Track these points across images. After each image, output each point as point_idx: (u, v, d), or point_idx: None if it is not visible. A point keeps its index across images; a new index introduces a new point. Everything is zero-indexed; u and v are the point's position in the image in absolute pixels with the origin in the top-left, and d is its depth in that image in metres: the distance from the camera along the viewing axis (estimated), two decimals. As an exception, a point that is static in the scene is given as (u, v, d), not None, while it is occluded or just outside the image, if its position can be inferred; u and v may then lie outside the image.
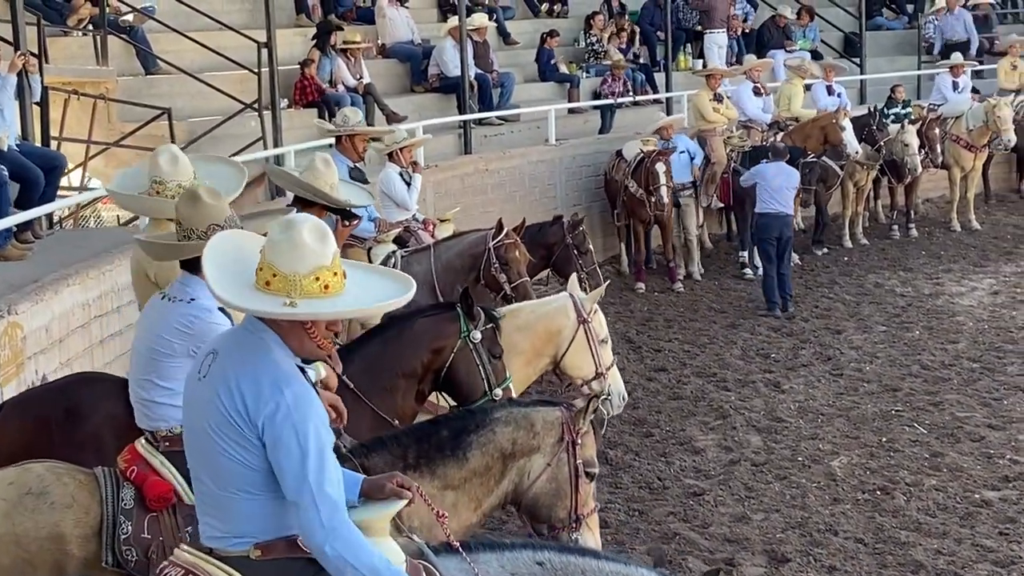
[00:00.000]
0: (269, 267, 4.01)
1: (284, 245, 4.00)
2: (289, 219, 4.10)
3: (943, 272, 17.51)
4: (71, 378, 7.06)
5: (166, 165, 6.73)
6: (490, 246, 10.11)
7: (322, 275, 4.02)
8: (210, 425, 4.07)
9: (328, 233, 4.13)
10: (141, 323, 5.91)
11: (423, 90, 19.08)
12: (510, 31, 21.43)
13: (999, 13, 25.79)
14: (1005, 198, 22.51)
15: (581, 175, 18.24)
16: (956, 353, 13.61)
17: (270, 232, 4.08)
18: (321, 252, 4.04)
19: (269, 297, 4.02)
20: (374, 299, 4.12)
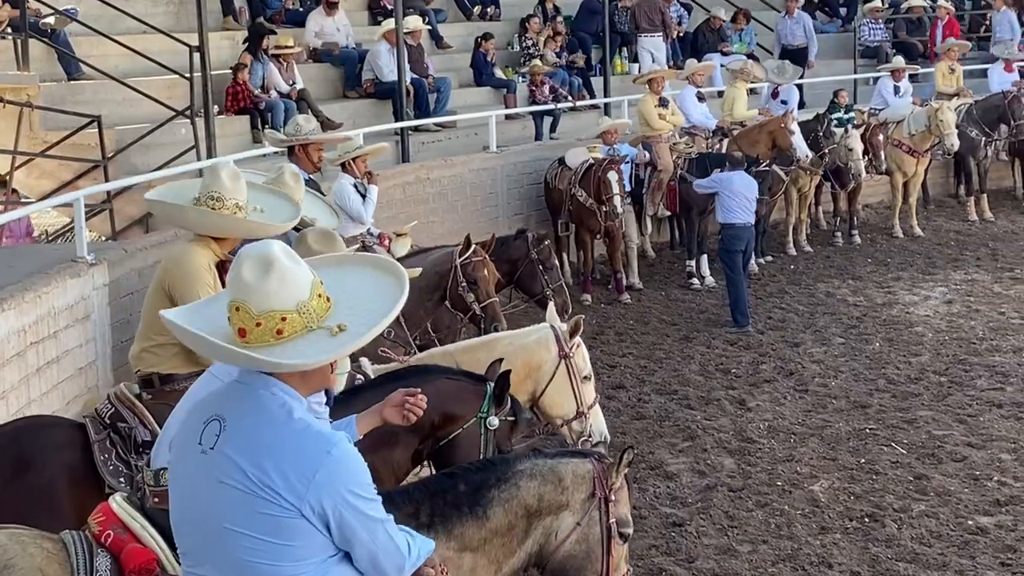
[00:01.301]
0: (271, 314, 3.56)
1: (275, 283, 3.56)
2: (255, 256, 3.63)
3: (893, 280, 17.16)
4: (20, 423, 6.40)
5: (228, 181, 6.37)
6: (457, 263, 9.51)
7: (318, 289, 3.65)
8: (224, 506, 3.48)
9: (287, 247, 3.73)
10: None
11: (357, 96, 18.45)
12: (442, 34, 20.86)
13: (930, 16, 25.50)
14: (944, 203, 22.30)
15: (522, 183, 17.69)
16: (921, 366, 13.22)
17: (240, 278, 3.60)
18: (304, 269, 3.65)
19: (303, 343, 3.55)
20: (386, 305, 3.70)
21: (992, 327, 14.61)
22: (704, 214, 17.33)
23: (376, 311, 3.65)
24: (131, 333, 10.49)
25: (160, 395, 6.37)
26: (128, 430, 6.23)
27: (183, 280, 6.25)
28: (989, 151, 20.78)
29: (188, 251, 6.39)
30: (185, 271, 6.27)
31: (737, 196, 14.75)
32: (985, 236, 19.95)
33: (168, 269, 6.41)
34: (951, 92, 20.91)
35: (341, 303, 3.69)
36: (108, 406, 6.35)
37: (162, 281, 6.40)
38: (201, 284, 6.22)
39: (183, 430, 3.80)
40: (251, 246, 3.67)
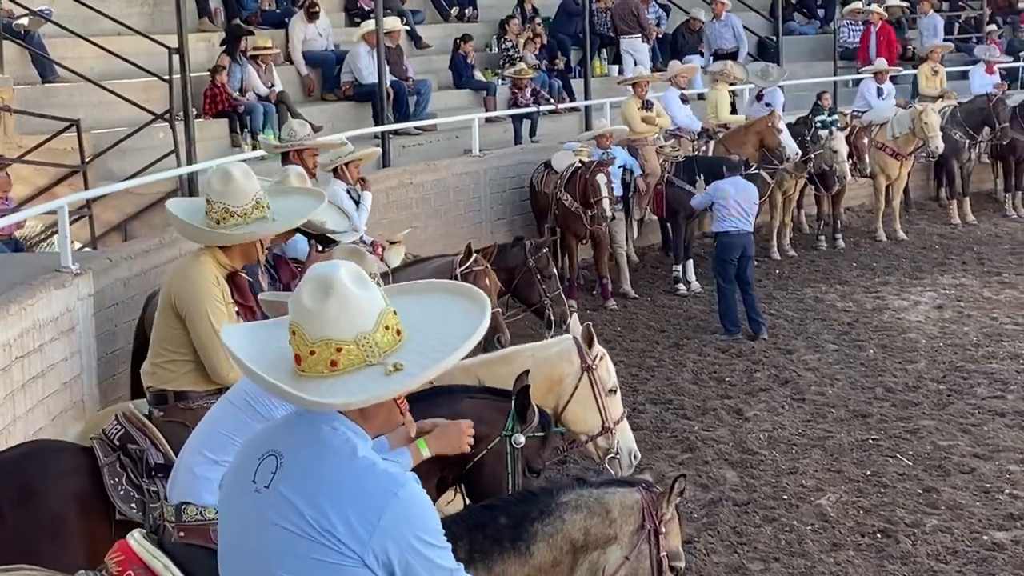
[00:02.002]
0: (327, 343, 3.24)
1: (333, 308, 3.25)
2: (316, 278, 3.32)
3: (880, 285, 16.96)
4: (22, 449, 6.05)
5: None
6: (457, 273, 9.21)
7: (387, 320, 3.31)
8: (278, 550, 3.18)
9: (360, 271, 3.39)
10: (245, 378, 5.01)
11: (336, 98, 18.13)
12: (420, 36, 20.55)
13: (910, 17, 25.41)
14: (924, 206, 22.13)
15: (505, 187, 17.41)
16: (918, 374, 13.00)
17: (299, 300, 3.30)
18: (374, 296, 3.32)
19: (356, 379, 3.23)
20: (465, 329, 3.38)
21: (986, 333, 14.42)
22: (691, 218, 17.11)
23: (444, 350, 3.31)
24: (116, 345, 10.22)
25: (173, 413, 6.05)
26: (139, 452, 5.91)
27: (190, 296, 5.94)
28: (972, 154, 20.63)
29: (193, 265, 6.08)
30: (191, 286, 5.97)
31: (731, 203, 14.44)
32: (969, 239, 19.79)
33: (174, 284, 6.11)
34: (935, 94, 20.76)
35: (415, 338, 3.36)
36: (117, 427, 6.03)
37: (169, 297, 6.09)
38: (209, 299, 5.92)
39: (236, 466, 3.48)
40: (318, 266, 3.36)
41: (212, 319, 5.91)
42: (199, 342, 5.96)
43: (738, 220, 14.39)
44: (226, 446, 4.68)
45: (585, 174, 15.44)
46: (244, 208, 5.94)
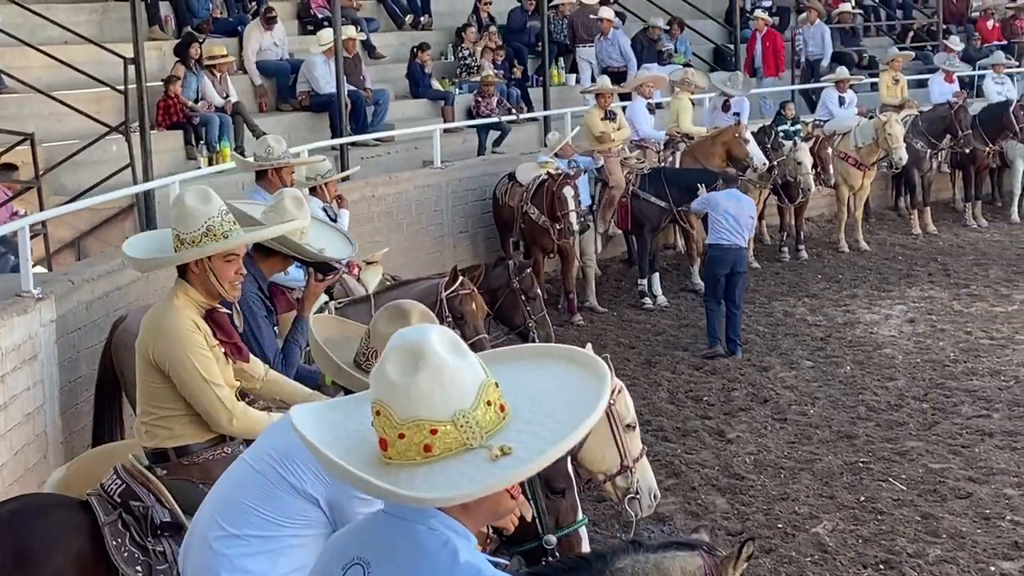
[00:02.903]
0: (419, 424, 2.77)
1: (426, 382, 2.79)
2: (404, 346, 2.84)
3: (848, 298, 16.70)
4: (12, 506, 5.53)
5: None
6: (443, 296, 8.79)
7: (489, 394, 2.85)
8: None
9: (454, 335, 2.93)
10: (267, 434, 4.55)
11: (291, 109, 17.67)
12: (375, 44, 20.10)
13: (863, 25, 25.26)
14: (884, 216, 21.94)
15: (468, 199, 17.00)
16: (899, 392, 12.72)
17: (383, 373, 2.83)
18: (471, 365, 2.86)
19: (457, 466, 2.77)
20: (582, 404, 2.88)
21: (963, 348, 14.18)
22: (656, 231, 16.79)
23: (560, 428, 2.82)
24: (79, 373, 9.71)
25: (177, 470, 5.55)
26: (143, 509, 5.44)
27: (171, 350, 5.44)
28: (934, 163, 20.46)
29: (167, 315, 5.55)
30: (170, 340, 5.46)
31: (722, 215, 14.06)
32: (932, 250, 19.60)
33: (149, 339, 5.56)
34: (896, 103, 20.56)
35: (521, 413, 2.88)
36: (116, 481, 5.55)
37: (146, 351, 5.56)
38: (192, 348, 5.43)
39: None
40: (404, 332, 2.93)
41: (200, 369, 5.44)
42: (192, 397, 5.49)
43: (730, 234, 14.01)
44: (248, 517, 4.21)
45: (552, 187, 15.06)
46: (193, 235, 5.49)
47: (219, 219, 5.51)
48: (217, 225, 5.50)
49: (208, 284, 5.53)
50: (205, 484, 5.38)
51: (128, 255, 5.82)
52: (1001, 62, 22.31)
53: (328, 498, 4.17)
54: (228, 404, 5.48)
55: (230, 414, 5.46)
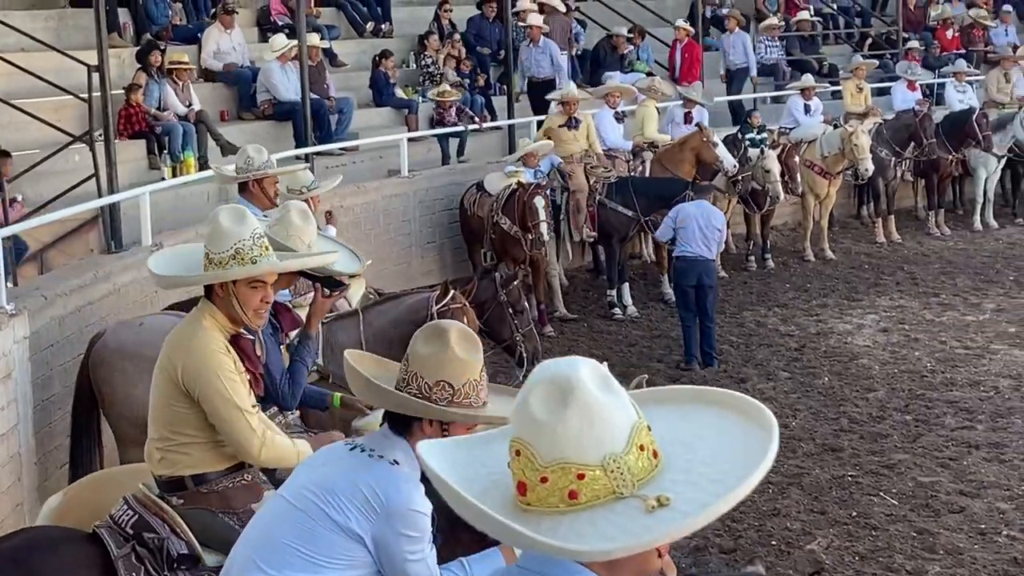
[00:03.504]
0: (564, 467, 2.49)
1: (575, 421, 2.50)
2: (550, 380, 2.55)
3: (819, 307, 16.58)
4: (17, 541, 5.21)
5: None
6: (433, 311, 8.54)
7: (642, 437, 2.57)
8: None
9: (605, 370, 2.63)
10: (305, 468, 4.27)
11: (254, 117, 17.35)
12: (336, 52, 19.81)
13: (822, 33, 25.20)
14: (847, 224, 21.87)
15: (435, 209, 16.78)
16: (880, 404, 12.58)
17: (527, 408, 2.54)
18: (624, 404, 2.57)
19: (605, 516, 2.49)
20: (746, 455, 2.59)
21: (939, 358, 14.07)
22: (624, 240, 16.61)
23: (724, 480, 2.53)
24: (52, 391, 9.40)
25: (195, 499, 5.25)
26: (158, 541, 5.15)
27: (201, 372, 5.16)
28: (898, 172, 20.41)
29: (197, 334, 5.28)
30: (200, 360, 5.18)
31: (687, 226, 13.90)
32: (897, 259, 19.54)
33: (177, 359, 5.27)
34: (860, 111, 20.49)
35: (675, 461, 2.60)
36: (128, 512, 5.26)
37: (172, 374, 5.26)
38: (223, 371, 5.16)
39: None
40: (552, 364, 2.61)
41: (232, 393, 5.16)
42: (221, 423, 5.18)
43: (695, 245, 13.82)
44: (288, 557, 3.94)
45: (523, 196, 14.86)
46: (221, 256, 5.26)
47: (250, 242, 5.26)
48: (247, 249, 5.25)
49: (231, 309, 5.28)
50: (224, 514, 5.12)
51: (152, 271, 5.55)
52: (963, 70, 22.32)
53: (375, 536, 3.93)
54: (259, 432, 5.21)
55: (261, 442, 5.19)
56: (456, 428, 3.99)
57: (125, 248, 12.15)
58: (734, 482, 2.51)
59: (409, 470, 3.95)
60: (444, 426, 4.01)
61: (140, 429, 8.71)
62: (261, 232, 5.32)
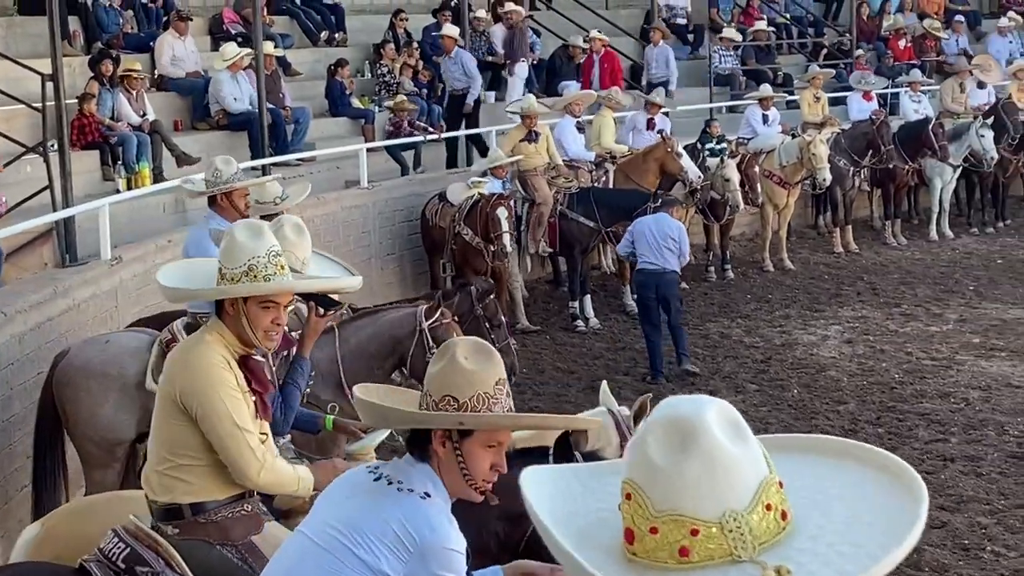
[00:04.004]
0: (678, 520, 2.24)
1: (695, 469, 2.24)
2: (671, 418, 2.30)
3: (782, 319, 16.46)
4: None
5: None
6: (425, 328, 8.32)
7: (770, 495, 2.29)
8: None
9: (736, 414, 2.38)
10: (328, 501, 3.97)
11: (208, 127, 17.03)
12: (290, 61, 19.53)
13: (775, 43, 25.14)
14: (804, 234, 21.77)
15: (395, 220, 16.55)
16: (851, 416, 12.46)
17: (643, 448, 2.29)
18: (754, 455, 2.31)
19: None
20: (892, 526, 2.31)
21: (906, 370, 13.97)
22: (586, 252, 16.44)
23: (856, 557, 2.24)
24: (12, 411, 9.08)
25: (192, 529, 4.94)
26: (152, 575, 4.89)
27: (200, 389, 4.89)
28: (856, 181, 20.36)
29: (197, 350, 5.03)
30: (199, 377, 4.92)
31: (642, 238, 13.75)
32: (856, 269, 19.47)
33: (176, 376, 5.01)
34: (817, 121, 20.41)
35: (806, 526, 2.31)
36: (118, 544, 4.95)
37: (171, 392, 4.99)
38: (224, 388, 4.89)
39: None
40: (677, 403, 2.34)
41: (231, 411, 4.89)
42: (219, 442, 4.90)
43: (651, 256, 13.67)
44: None
45: (486, 207, 14.65)
46: (233, 272, 5.01)
47: (264, 259, 5.00)
48: (260, 266, 4.99)
49: (240, 328, 5.02)
50: (222, 546, 4.86)
51: (160, 282, 5.29)
52: (918, 80, 22.31)
53: None
54: (259, 454, 4.94)
55: (260, 465, 4.92)
56: (474, 447, 3.72)
57: (81, 261, 11.83)
58: (869, 561, 2.23)
59: (441, 502, 3.70)
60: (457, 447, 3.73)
61: (105, 450, 8.52)
62: (278, 250, 5.06)
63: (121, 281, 11.37)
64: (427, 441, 3.75)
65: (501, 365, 3.78)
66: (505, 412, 3.77)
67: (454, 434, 3.73)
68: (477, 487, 3.74)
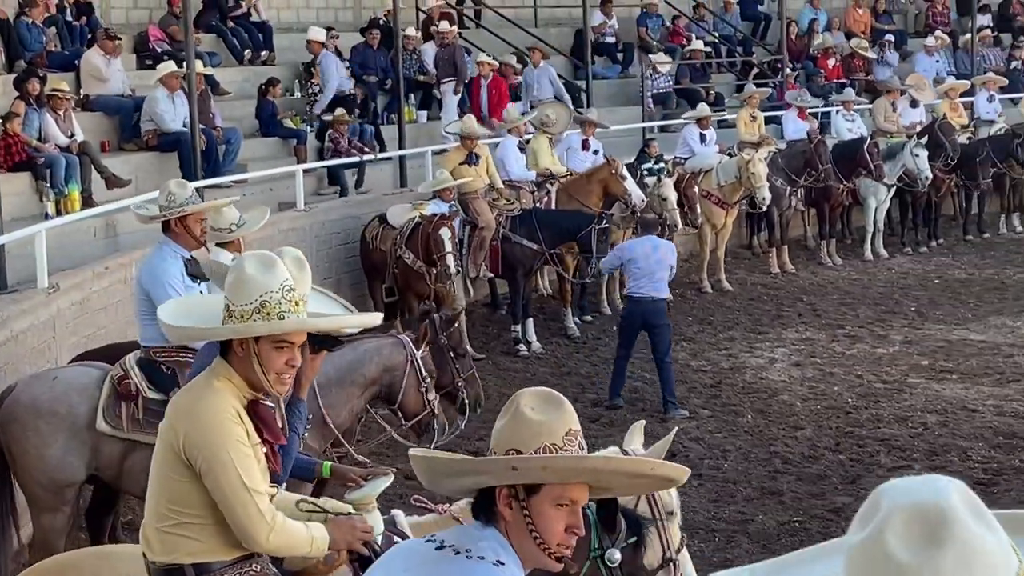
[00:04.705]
0: None
1: (951, 565, 1.91)
2: (917, 513, 1.96)
3: (726, 341, 16.23)
4: None
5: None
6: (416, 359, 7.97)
7: None
8: None
9: (970, 492, 2.03)
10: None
11: (136, 148, 16.50)
12: (218, 80, 19.01)
13: (704, 62, 24.97)
14: (739, 254, 21.57)
15: (332, 243, 16.12)
16: (809, 442, 12.21)
17: (882, 553, 1.95)
18: (1002, 542, 1.98)
19: None
20: None
21: (859, 393, 13.77)
22: (529, 274, 16.12)
23: None
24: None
25: None
26: None
27: (207, 441, 4.44)
28: (793, 201, 20.23)
29: (205, 398, 4.56)
30: (206, 428, 4.47)
31: (639, 266, 13.35)
32: (794, 289, 19.33)
33: (181, 424, 4.54)
34: (754, 140, 20.24)
35: None
36: None
37: (173, 441, 4.53)
38: (231, 443, 4.45)
39: None
40: (903, 486, 2.02)
41: (240, 470, 4.45)
42: (225, 502, 4.46)
43: (648, 285, 13.28)
44: None
45: (428, 229, 14.29)
46: (243, 309, 4.56)
47: (278, 295, 4.55)
48: (274, 302, 4.54)
49: (250, 371, 4.57)
50: None
51: (163, 320, 4.82)
52: (851, 99, 22.26)
53: None
54: (268, 516, 4.50)
55: (269, 528, 4.49)
56: (543, 506, 3.30)
57: (13, 289, 11.29)
58: None
59: (516, 569, 3.30)
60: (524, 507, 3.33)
61: (54, 493, 8.04)
62: (291, 284, 4.63)
63: (59, 310, 10.86)
64: (492, 503, 3.35)
65: (572, 414, 3.40)
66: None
67: (520, 492, 3.31)
68: (552, 552, 3.32)
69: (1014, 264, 20.91)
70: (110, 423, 7.94)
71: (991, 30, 27.83)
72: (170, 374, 7.95)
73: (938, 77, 25.51)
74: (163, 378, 7.95)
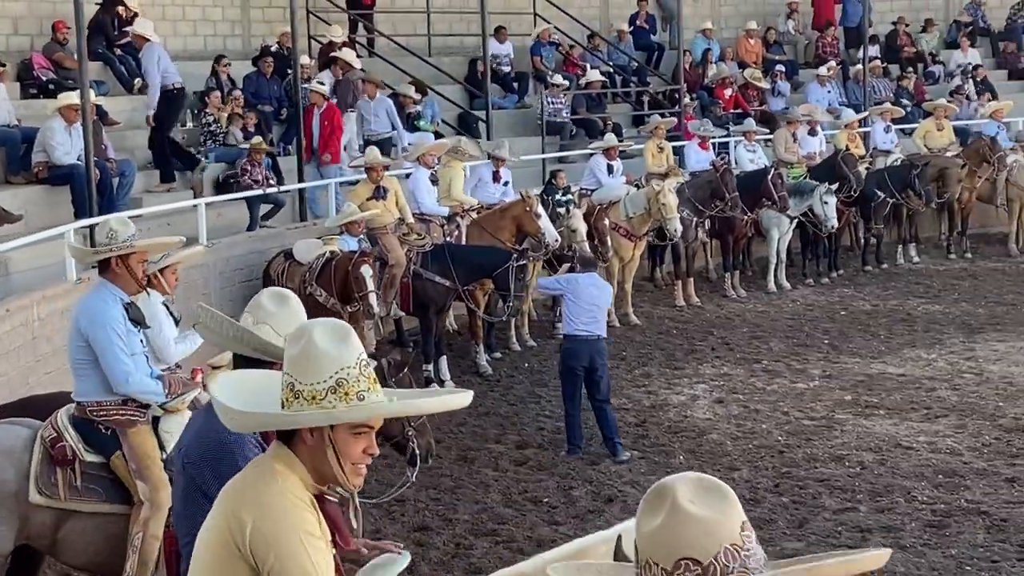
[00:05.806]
0: None
1: None
2: None
3: (642, 377, 15.85)
4: None
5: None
6: None
7: None
8: None
9: None
10: None
11: (25, 181, 15.65)
12: (107, 110, 18.19)
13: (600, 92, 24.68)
14: (641, 287, 21.11)
15: (235, 280, 15.42)
16: (749, 485, 11.79)
17: None
18: None
19: None
20: None
21: (788, 431, 13.42)
22: (442, 312, 15.58)
23: None
24: None
25: None
26: None
27: (279, 534, 3.67)
28: (699, 232, 19.94)
29: (276, 484, 3.81)
30: (277, 519, 3.70)
31: (583, 302, 12.84)
32: (702, 323, 19.02)
33: (244, 514, 3.73)
34: (662, 171, 19.91)
35: None
36: None
37: (231, 534, 3.72)
38: (308, 538, 3.70)
39: None
40: None
41: (313, 565, 3.70)
42: None
43: (590, 323, 12.79)
44: None
45: (346, 265, 13.69)
46: (314, 389, 3.80)
47: (356, 371, 3.79)
48: (352, 380, 3.78)
49: (322, 462, 3.82)
50: None
51: (223, 404, 3.90)
52: (752, 129, 22.05)
53: None
54: None
55: None
56: None
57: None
58: None
59: None
60: None
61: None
62: (367, 359, 3.94)
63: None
64: None
65: (736, 502, 2.87)
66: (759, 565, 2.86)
67: None
68: None
69: (915, 295, 20.84)
70: (45, 492, 7.23)
71: (880, 61, 27.95)
72: (110, 434, 7.27)
73: (831, 108, 25.54)
74: (101, 439, 7.26)
